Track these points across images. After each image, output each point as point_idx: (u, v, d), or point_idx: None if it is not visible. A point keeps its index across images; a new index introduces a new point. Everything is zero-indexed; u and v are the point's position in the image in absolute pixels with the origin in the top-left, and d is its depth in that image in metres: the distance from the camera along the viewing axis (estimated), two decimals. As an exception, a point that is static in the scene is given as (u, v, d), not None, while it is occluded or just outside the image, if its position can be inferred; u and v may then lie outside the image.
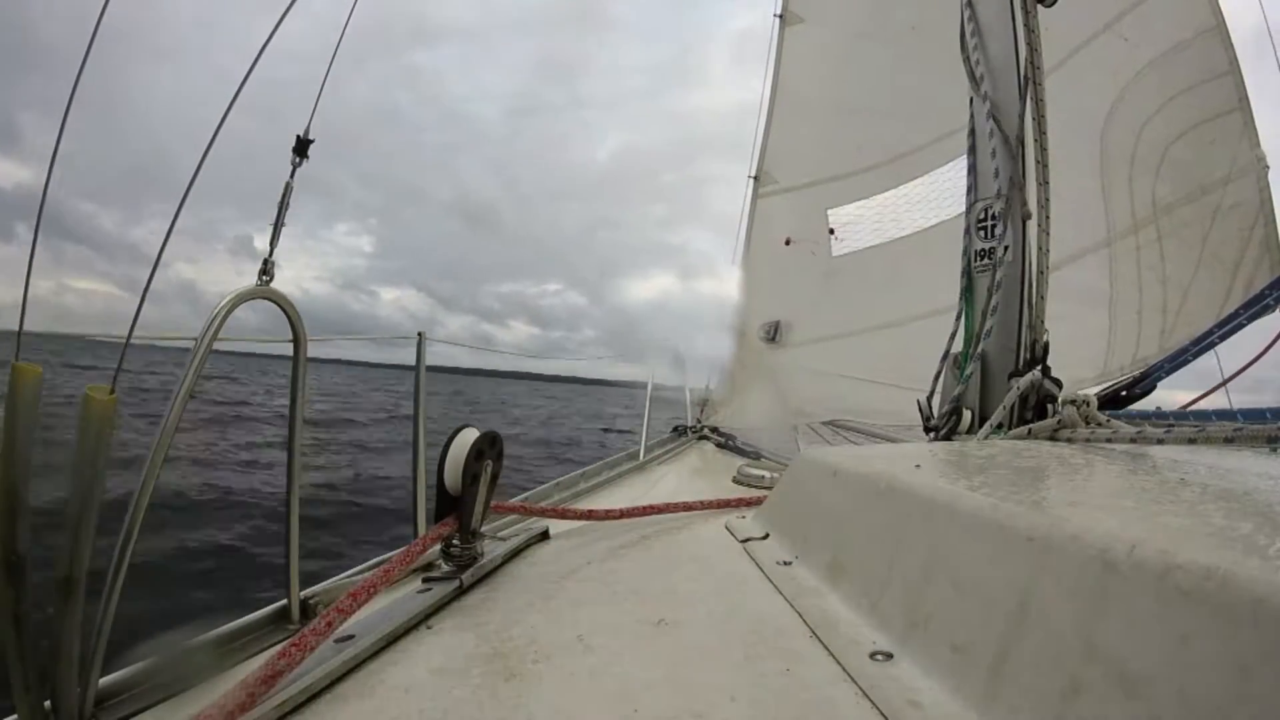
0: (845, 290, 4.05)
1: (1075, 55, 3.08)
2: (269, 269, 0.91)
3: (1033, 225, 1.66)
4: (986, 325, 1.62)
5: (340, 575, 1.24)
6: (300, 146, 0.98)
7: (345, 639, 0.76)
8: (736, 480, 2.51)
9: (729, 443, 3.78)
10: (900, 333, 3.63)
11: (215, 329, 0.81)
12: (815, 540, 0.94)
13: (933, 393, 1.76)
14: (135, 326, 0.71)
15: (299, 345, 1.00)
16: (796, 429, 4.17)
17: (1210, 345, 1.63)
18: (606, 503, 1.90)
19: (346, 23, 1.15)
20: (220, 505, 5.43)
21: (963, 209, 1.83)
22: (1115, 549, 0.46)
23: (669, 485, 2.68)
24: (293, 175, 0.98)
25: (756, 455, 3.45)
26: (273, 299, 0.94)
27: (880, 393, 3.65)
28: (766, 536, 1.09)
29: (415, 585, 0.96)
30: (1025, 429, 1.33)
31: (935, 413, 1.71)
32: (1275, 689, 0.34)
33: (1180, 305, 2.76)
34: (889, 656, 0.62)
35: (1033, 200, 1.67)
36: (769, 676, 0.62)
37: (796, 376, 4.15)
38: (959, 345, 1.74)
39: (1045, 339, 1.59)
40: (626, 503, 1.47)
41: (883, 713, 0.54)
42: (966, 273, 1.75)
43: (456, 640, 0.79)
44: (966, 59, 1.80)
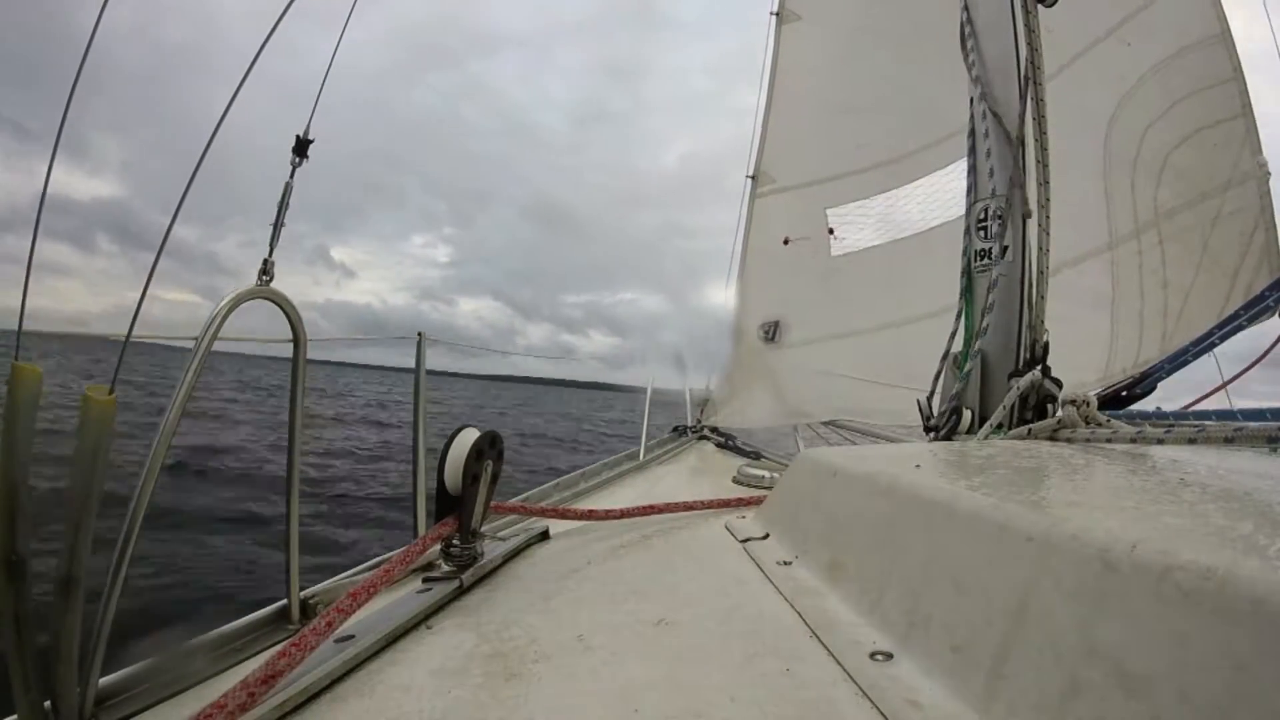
0: (845, 290, 4.05)
1: (1079, 59, 3.09)
2: (269, 269, 0.91)
3: (1033, 225, 1.66)
4: (986, 325, 1.62)
5: (340, 575, 1.24)
6: (300, 147, 0.99)
7: (345, 639, 0.76)
8: (736, 480, 2.51)
9: (729, 443, 3.78)
10: (900, 333, 3.63)
11: (215, 329, 0.81)
12: (815, 540, 0.94)
13: (933, 393, 1.76)
14: (134, 326, 0.71)
15: (299, 345, 1.00)
16: (796, 429, 4.17)
17: (1210, 346, 1.63)
18: (606, 503, 1.90)
19: (346, 24, 1.15)
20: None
21: (963, 209, 1.83)
22: (1115, 549, 0.46)
23: (669, 485, 2.68)
24: (292, 175, 0.98)
25: (756, 455, 3.45)
26: (273, 299, 0.94)
27: (880, 393, 3.64)
28: (766, 536, 1.09)
29: (415, 585, 0.96)
30: (1025, 429, 1.33)
31: (935, 413, 1.71)
32: (1275, 689, 0.34)
33: (1181, 309, 2.76)
34: (889, 656, 0.62)
35: (1033, 200, 1.67)
36: (769, 676, 0.62)
37: (796, 376, 4.15)
38: (959, 345, 1.74)
39: (1045, 339, 1.59)
40: (626, 503, 1.47)
41: (883, 713, 0.54)
42: (966, 272, 1.75)
43: (456, 640, 0.79)
44: (966, 57, 1.80)
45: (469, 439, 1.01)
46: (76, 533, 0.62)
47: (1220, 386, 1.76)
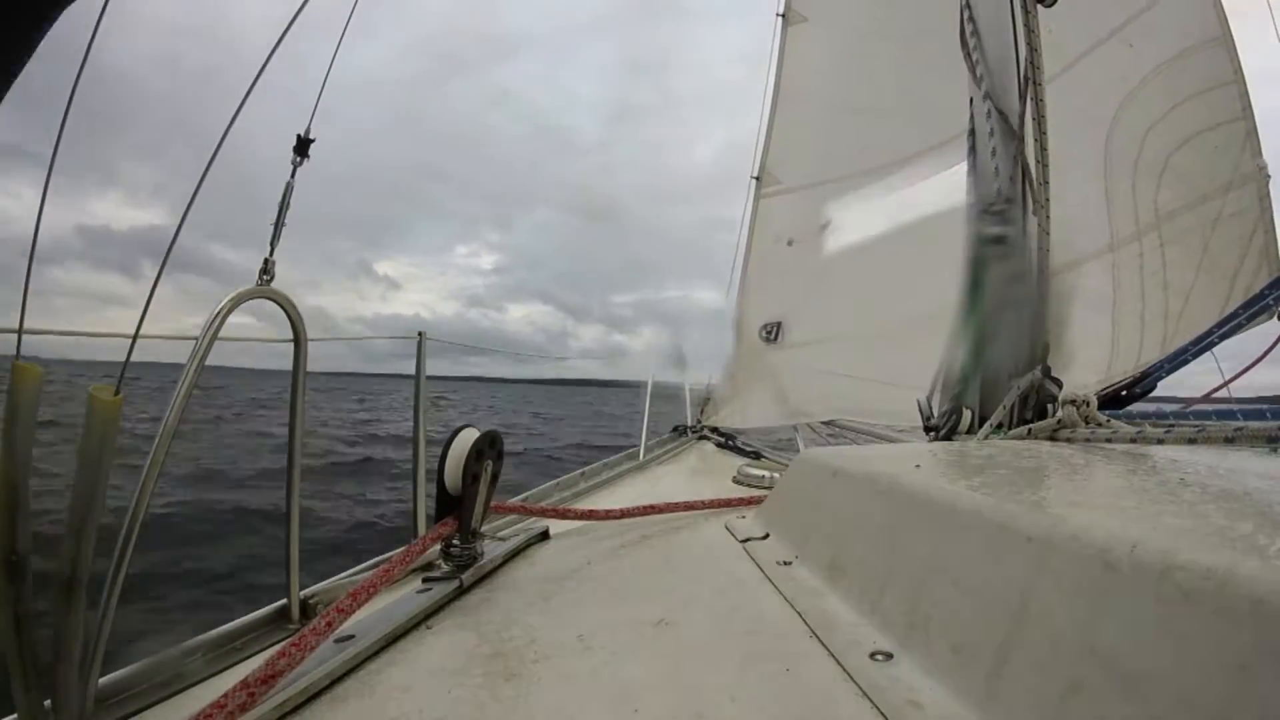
0: (846, 290, 4.05)
1: (1081, 60, 3.09)
2: (269, 269, 0.91)
3: (1033, 225, 1.66)
4: (987, 325, 1.62)
5: (340, 575, 1.24)
6: (301, 146, 0.99)
7: (345, 639, 0.76)
8: (736, 480, 2.51)
9: (729, 443, 3.78)
10: (900, 333, 3.63)
11: (215, 329, 0.81)
12: (815, 540, 0.94)
13: (933, 393, 1.76)
14: (140, 329, 0.71)
15: (299, 345, 1.00)
16: (797, 429, 4.17)
17: (1210, 345, 1.63)
18: (606, 503, 1.90)
19: (346, 24, 1.15)
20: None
21: (964, 206, 1.82)
22: (1115, 549, 0.46)
23: (669, 485, 2.68)
24: (293, 175, 0.98)
25: (756, 455, 3.46)
26: (273, 299, 0.94)
27: (880, 393, 3.64)
28: (766, 536, 1.09)
29: (415, 585, 0.96)
30: (1025, 429, 1.33)
31: (935, 413, 1.71)
32: (1275, 689, 0.34)
33: (1181, 311, 2.77)
34: (889, 656, 0.62)
35: (1033, 200, 1.67)
36: (769, 676, 0.62)
37: (797, 376, 4.15)
38: (960, 345, 1.74)
39: (1046, 339, 1.59)
40: (626, 503, 1.47)
41: (883, 713, 0.54)
42: (967, 273, 1.75)
43: (456, 640, 0.79)
44: (967, 56, 1.80)
45: (469, 439, 1.01)
46: (79, 533, 0.62)
47: (1220, 386, 1.76)
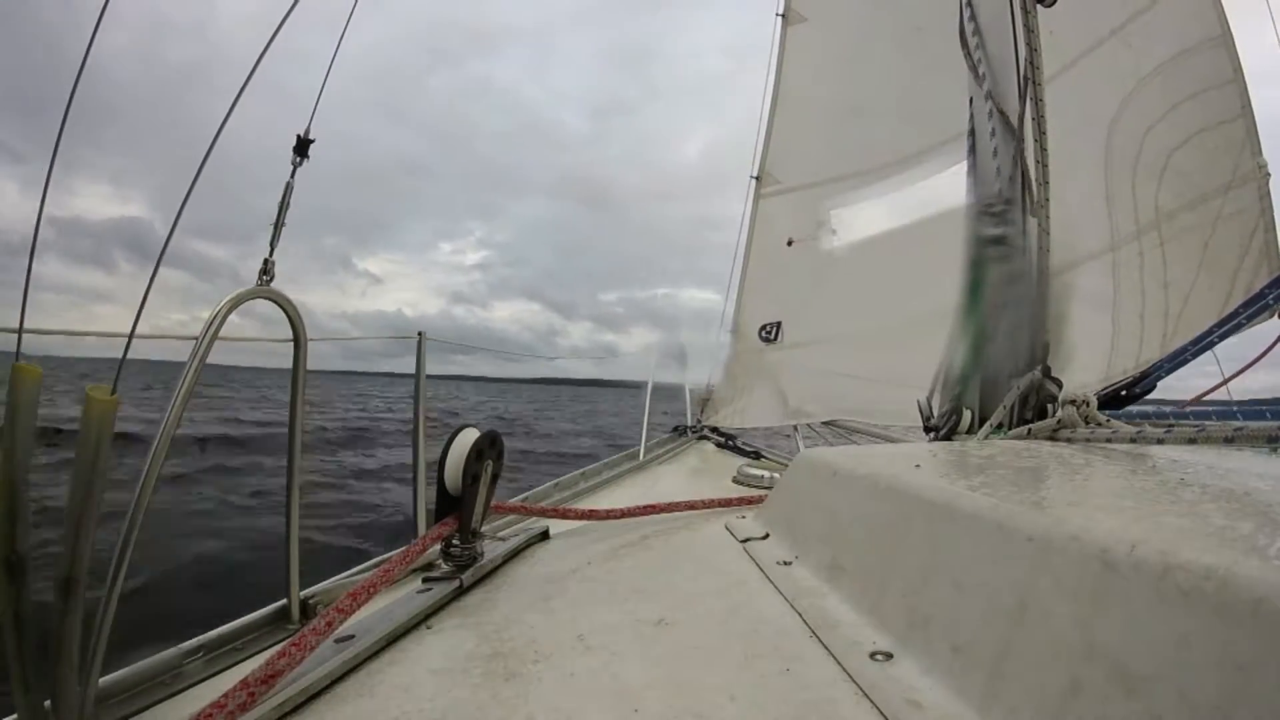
0: (846, 290, 4.05)
1: (1081, 60, 3.10)
2: (269, 269, 0.91)
3: (1033, 225, 1.66)
4: (987, 325, 1.62)
5: (340, 575, 1.24)
6: (300, 146, 0.99)
7: (345, 639, 0.76)
8: (736, 480, 2.51)
9: (729, 443, 3.78)
10: (901, 332, 3.63)
11: (215, 329, 0.81)
12: (815, 540, 0.94)
13: (933, 393, 1.76)
14: (136, 328, 0.71)
15: (299, 345, 1.00)
16: (796, 429, 4.17)
17: (1209, 345, 1.63)
18: (606, 503, 1.90)
19: (346, 24, 1.15)
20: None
21: (964, 210, 1.82)
22: (1115, 549, 0.46)
23: (669, 485, 2.68)
24: (293, 175, 0.98)
25: (756, 455, 3.46)
26: (273, 299, 0.94)
27: (880, 393, 3.64)
28: (766, 536, 1.09)
29: (415, 585, 0.96)
30: (1025, 429, 1.33)
31: (935, 413, 1.71)
32: (1275, 689, 0.34)
33: (1181, 310, 2.77)
34: (889, 656, 0.62)
35: (1034, 199, 1.67)
36: (769, 676, 0.62)
37: (797, 377, 4.15)
38: (960, 344, 1.74)
39: (1045, 339, 1.59)
40: (626, 503, 1.47)
41: (883, 713, 0.54)
42: (967, 273, 1.75)
43: (456, 640, 0.79)
44: (968, 56, 1.80)
45: (469, 439, 1.01)
46: (77, 533, 0.62)
47: (1219, 384, 1.76)
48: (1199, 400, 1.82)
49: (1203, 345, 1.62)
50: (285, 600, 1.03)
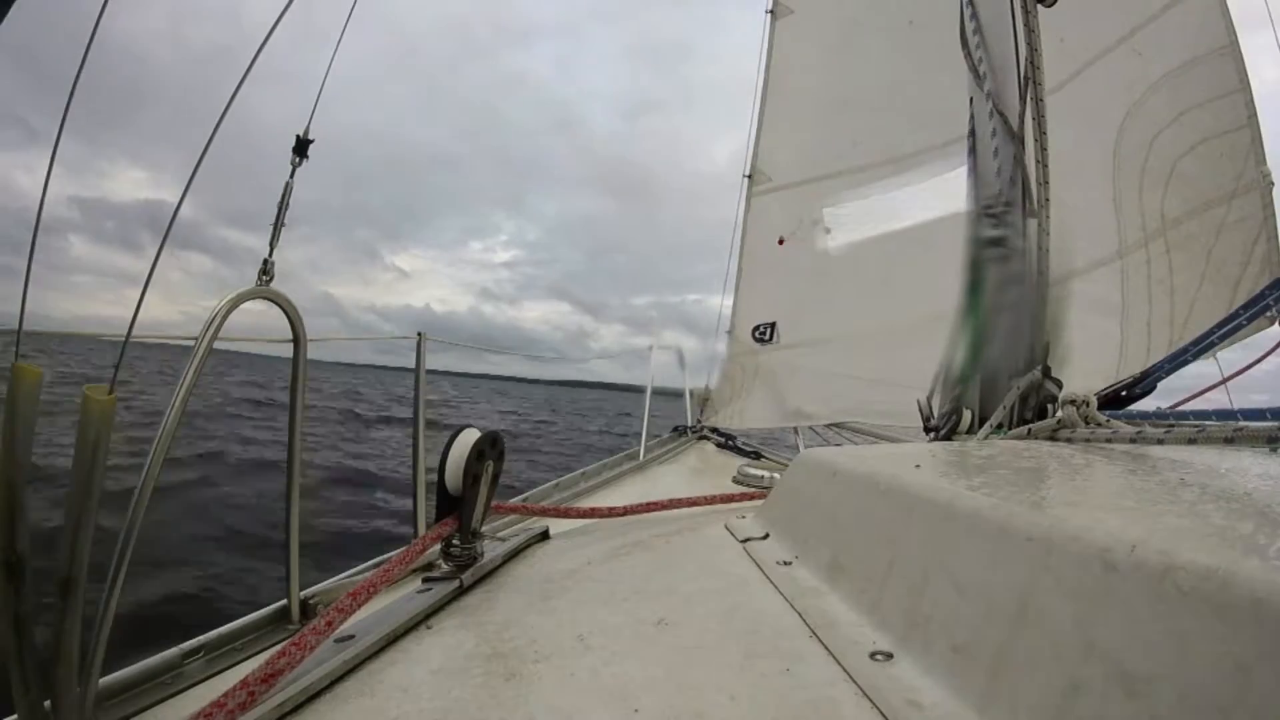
0: (842, 290, 4.04)
1: (1090, 67, 3.11)
2: (269, 269, 0.91)
3: (1033, 225, 1.66)
4: (987, 325, 1.62)
5: (340, 575, 1.24)
6: (300, 146, 0.99)
7: (345, 639, 0.76)
8: (736, 480, 2.51)
9: (729, 443, 3.78)
10: (900, 332, 3.63)
11: (215, 329, 0.81)
12: (815, 540, 0.94)
13: (933, 393, 1.76)
14: (134, 326, 0.71)
15: (299, 345, 1.00)
16: (797, 429, 4.17)
17: (1209, 346, 1.63)
18: (607, 503, 1.90)
19: (346, 25, 1.15)
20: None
21: (962, 208, 1.83)
22: (1115, 549, 0.46)
23: (669, 485, 2.68)
24: (292, 175, 0.98)
25: (756, 455, 3.46)
26: (273, 299, 0.94)
27: (880, 393, 3.64)
28: (766, 536, 1.09)
29: (415, 585, 0.96)
30: (1025, 429, 1.33)
31: (935, 413, 1.71)
32: (1275, 689, 0.34)
33: (1186, 318, 2.78)
34: (889, 656, 0.62)
35: (1034, 200, 1.67)
36: (769, 676, 0.62)
37: (795, 377, 4.14)
38: (960, 345, 1.74)
39: (1046, 339, 1.59)
40: (626, 503, 1.47)
41: (883, 713, 0.54)
42: (967, 273, 1.75)
43: (456, 640, 0.79)
44: (968, 56, 1.80)
45: (470, 439, 1.01)
46: (76, 533, 0.62)
47: (1218, 383, 1.76)
48: (1198, 396, 1.82)
49: (1203, 346, 1.62)
50: (285, 600, 1.04)
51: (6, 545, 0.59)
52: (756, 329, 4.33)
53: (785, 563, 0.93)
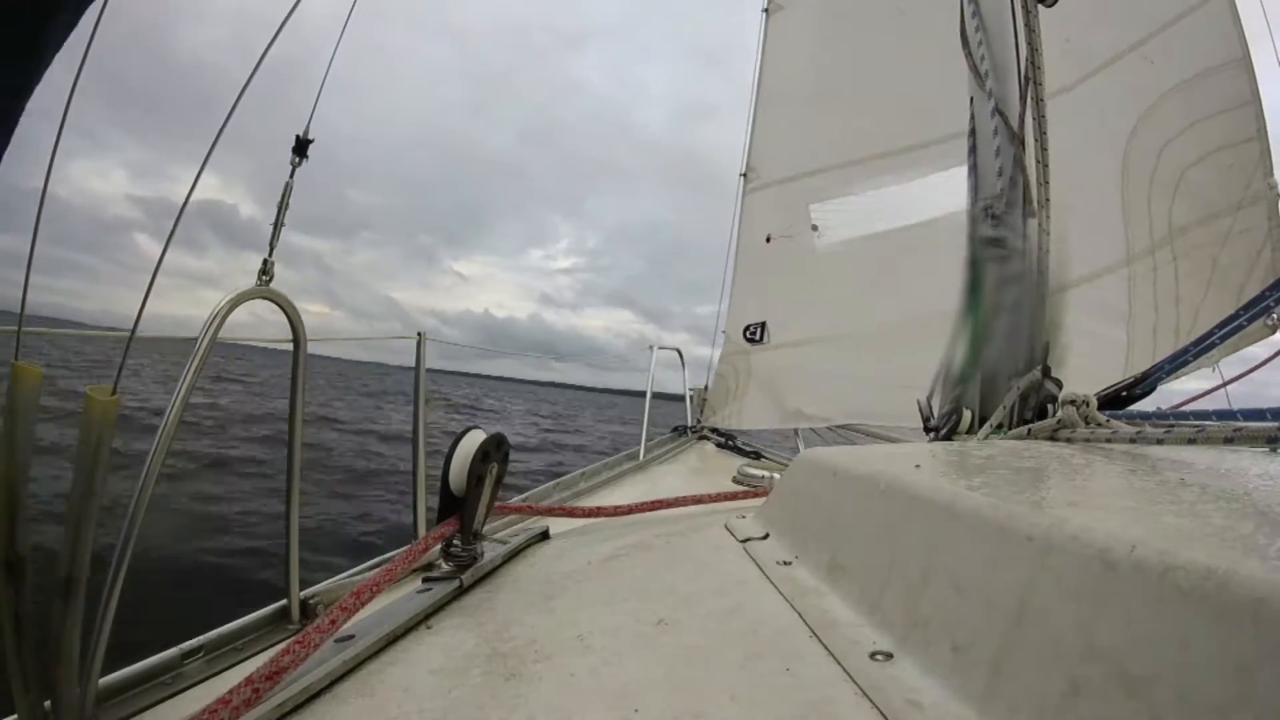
0: (835, 289, 4.01)
1: (1100, 72, 3.12)
2: (269, 269, 0.91)
3: (1033, 225, 1.66)
4: (987, 325, 1.62)
5: (340, 575, 1.24)
6: (300, 147, 0.99)
7: (345, 639, 0.76)
8: (736, 480, 2.51)
9: (729, 443, 3.78)
10: (899, 332, 3.62)
11: (215, 329, 0.81)
12: (815, 540, 0.94)
13: (933, 393, 1.76)
14: (138, 327, 0.71)
15: (299, 345, 1.00)
16: (797, 429, 4.17)
17: (1210, 347, 1.63)
18: (606, 502, 1.90)
19: (346, 25, 1.15)
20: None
21: (963, 205, 1.83)
22: (1115, 549, 0.46)
23: (669, 485, 2.68)
24: (292, 175, 0.99)
25: (756, 455, 3.46)
26: (273, 299, 0.94)
27: (880, 393, 3.64)
28: (766, 536, 1.09)
29: (415, 585, 0.96)
30: (1025, 429, 1.33)
31: (935, 413, 1.71)
32: (1275, 689, 0.34)
33: (1192, 326, 2.80)
34: (889, 656, 0.62)
35: (1034, 200, 1.67)
36: (769, 676, 0.62)
37: (790, 378, 4.13)
38: (960, 345, 1.74)
39: (1045, 339, 1.59)
40: (627, 502, 1.47)
41: (883, 713, 0.54)
42: (967, 273, 1.75)
43: (456, 640, 0.79)
44: (969, 54, 1.80)
45: (475, 440, 1.01)
46: (77, 533, 0.62)
47: (1220, 386, 1.76)
48: (1197, 399, 1.82)
49: (1203, 348, 1.62)
50: (285, 600, 1.04)
51: (6, 545, 0.59)
52: (748, 329, 4.31)
53: (785, 563, 0.93)
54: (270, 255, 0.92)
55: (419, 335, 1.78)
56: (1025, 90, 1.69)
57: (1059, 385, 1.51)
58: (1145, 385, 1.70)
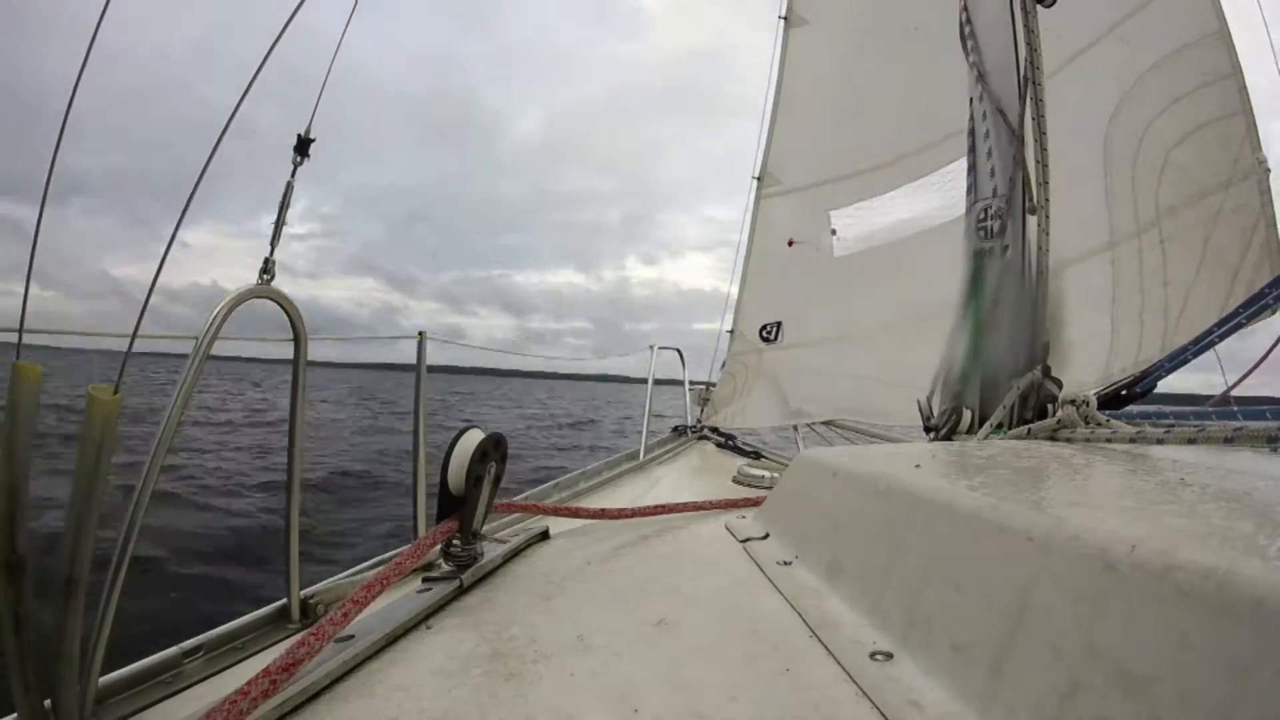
0: (847, 291, 4.05)
1: (1079, 58, 3.10)
2: (269, 268, 0.91)
3: (1033, 225, 1.66)
4: (987, 325, 1.62)
5: (340, 575, 1.24)
6: (301, 146, 0.99)
7: (345, 639, 0.76)
8: (736, 480, 2.51)
9: (729, 443, 3.78)
10: (901, 333, 3.63)
11: (215, 329, 0.81)
12: (815, 540, 0.94)
13: (933, 393, 1.76)
14: (139, 329, 0.72)
15: (299, 345, 1.00)
16: (796, 429, 4.18)
17: (1210, 344, 1.63)
18: (607, 503, 1.89)
19: (346, 25, 1.15)
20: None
21: (964, 209, 1.83)
22: (1115, 549, 0.46)
23: (669, 485, 2.68)
24: (293, 174, 0.99)
25: (756, 455, 3.46)
26: (273, 298, 0.94)
27: (880, 393, 3.65)
28: (766, 536, 1.09)
29: (415, 585, 0.96)
30: (1025, 429, 1.33)
31: (935, 413, 1.71)
32: (1275, 689, 0.34)
33: (1182, 308, 2.77)
34: (889, 656, 0.62)
35: (1033, 199, 1.67)
36: (769, 676, 0.62)
37: (797, 377, 4.16)
38: (960, 345, 1.74)
39: (1045, 339, 1.59)
40: (627, 502, 1.47)
41: (883, 713, 0.54)
42: (967, 273, 1.75)
43: (456, 640, 0.79)
44: (968, 55, 1.80)
45: (473, 440, 1.01)
46: (77, 532, 0.62)
47: (1223, 394, 1.75)
48: (1205, 405, 1.82)
49: (1203, 345, 1.62)
50: (285, 600, 1.04)
51: (6, 545, 0.59)
52: (764, 328, 4.37)
53: (785, 563, 0.93)
54: (271, 254, 0.92)
55: (419, 334, 1.78)
56: (1024, 90, 1.69)
57: (1059, 385, 1.51)
58: (1145, 384, 1.70)
